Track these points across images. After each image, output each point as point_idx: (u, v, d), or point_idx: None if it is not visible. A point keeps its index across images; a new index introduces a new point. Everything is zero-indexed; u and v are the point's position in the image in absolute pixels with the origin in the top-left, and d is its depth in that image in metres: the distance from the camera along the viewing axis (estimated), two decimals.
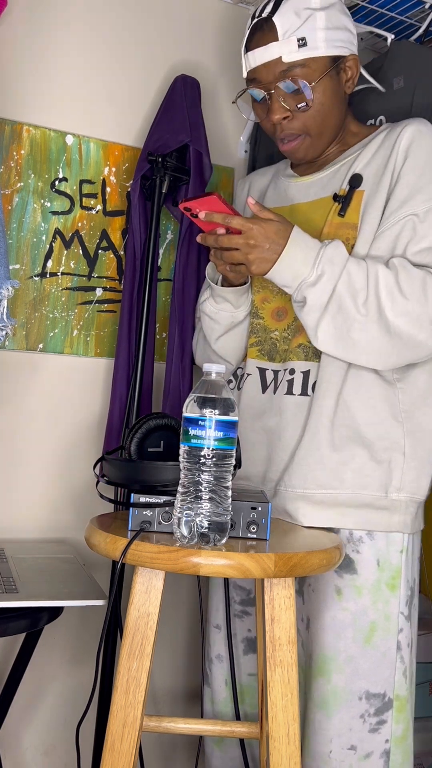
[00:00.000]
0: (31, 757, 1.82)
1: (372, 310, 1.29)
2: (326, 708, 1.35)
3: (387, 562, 1.37)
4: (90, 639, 1.87)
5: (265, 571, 1.06)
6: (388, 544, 1.38)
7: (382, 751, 1.35)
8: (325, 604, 1.38)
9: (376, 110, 1.75)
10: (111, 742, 1.10)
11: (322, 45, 1.38)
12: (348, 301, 1.30)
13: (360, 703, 1.34)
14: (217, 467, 1.07)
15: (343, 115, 1.48)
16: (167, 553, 1.05)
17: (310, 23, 1.37)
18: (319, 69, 1.39)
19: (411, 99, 1.67)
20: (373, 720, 1.35)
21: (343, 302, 1.30)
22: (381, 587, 1.37)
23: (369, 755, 1.34)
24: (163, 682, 1.97)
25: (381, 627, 1.36)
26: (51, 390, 1.82)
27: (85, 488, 1.85)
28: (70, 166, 1.83)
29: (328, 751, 1.34)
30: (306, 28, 1.37)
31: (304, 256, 1.32)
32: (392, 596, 1.37)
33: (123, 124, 1.89)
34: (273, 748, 1.11)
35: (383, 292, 1.29)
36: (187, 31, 1.97)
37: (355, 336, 1.31)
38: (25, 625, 1.33)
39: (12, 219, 1.76)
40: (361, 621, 1.36)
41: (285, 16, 1.38)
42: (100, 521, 1.24)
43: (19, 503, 1.79)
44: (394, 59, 1.72)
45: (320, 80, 1.39)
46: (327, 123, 1.44)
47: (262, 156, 1.98)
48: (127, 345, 1.79)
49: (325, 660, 1.36)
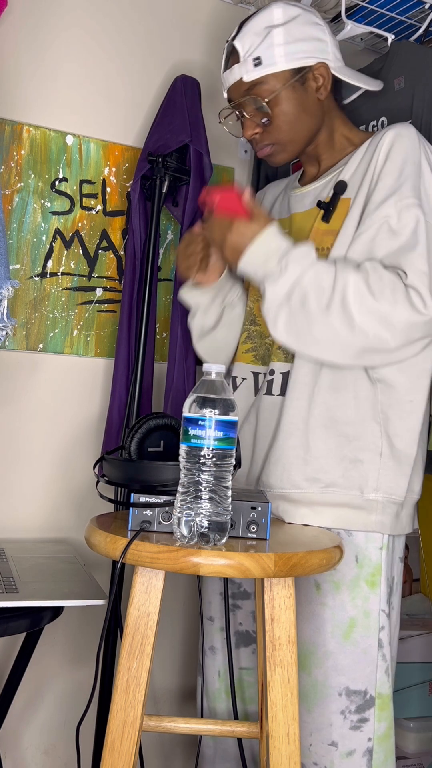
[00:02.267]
0: (31, 756, 1.83)
1: (336, 306, 1.30)
2: (306, 701, 1.37)
3: (366, 559, 1.38)
4: (90, 639, 1.87)
5: (264, 571, 1.06)
6: (367, 541, 1.38)
7: (365, 750, 1.35)
8: (306, 598, 1.39)
9: (377, 111, 1.75)
10: (111, 741, 1.10)
11: (280, 60, 1.45)
12: (312, 297, 1.31)
13: (340, 699, 1.35)
14: (217, 467, 1.08)
15: (316, 121, 1.51)
16: (167, 553, 1.06)
17: (268, 41, 1.45)
18: (279, 83, 1.46)
19: (412, 99, 1.67)
20: (354, 717, 1.35)
21: (306, 298, 1.31)
22: (360, 583, 1.37)
23: (351, 753, 1.35)
24: (162, 682, 1.97)
25: (361, 624, 1.36)
26: (51, 390, 1.82)
27: (85, 488, 1.85)
28: (70, 166, 1.83)
29: (308, 744, 1.37)
30: (263, 46, 1.45)
31: (275, 248, 1.35)
32: (372, 593, 1.37)
33: (123, 124, 1.89)
34: (273, 748, 1.11)
35: (350, 291, 1.29)
36: (188, 31, 1.97)
37: (316, 332, 1.32)
38: (25, 625, 1.33)
39: (12, 219, 1.76)
40: (339, 616, 1.36)
41: (244, 39, 1.47)
42: (100, 521, 1.24)
43: (19, 503, 1.79)
44: (395, 60, 1.72)
45: (279, 94, 1.45)
46: (296, 132, 1.49)
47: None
48: (127, 345, 1.79)
49: (306, 654, 1.38)
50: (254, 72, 1.45)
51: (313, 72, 1.47)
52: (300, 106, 1.47)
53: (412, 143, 1.40)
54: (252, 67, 1.45)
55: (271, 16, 1.47)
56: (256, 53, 1.45)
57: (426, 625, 2.05)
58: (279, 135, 1.49)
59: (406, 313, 1.28)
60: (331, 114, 1.53)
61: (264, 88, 1.46)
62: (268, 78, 1.46)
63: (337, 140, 1.54)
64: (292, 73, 1.46)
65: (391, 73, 1.72)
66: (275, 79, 1.46)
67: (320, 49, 1.48)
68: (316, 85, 1.48)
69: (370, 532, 1.38)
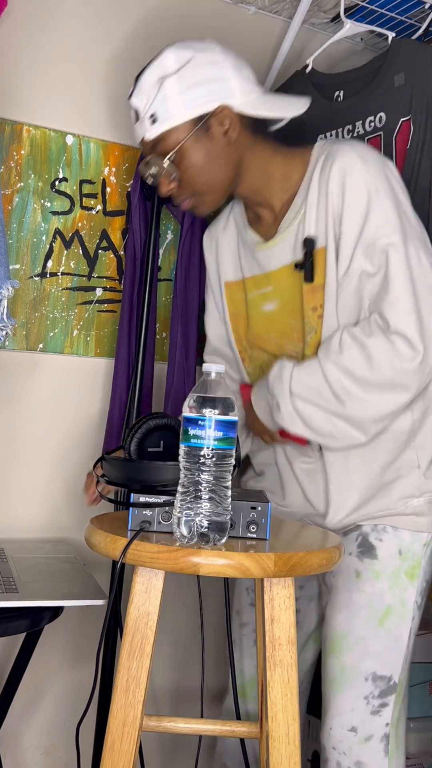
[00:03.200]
0: (31, 756, 1.83)
1: (338, 417, 1.34)
2: (332, 685, 1.41)
3: (409, 552, 1.41)
4: (90, 639, 1.87)
5: (264, 571, 1.06)
6: (413, 537, 1.42)
7: (382, 735, 1.38)
8: (345, 585, 1.42)
9: (375, 107, 1.75)
10: (111, 741, 1.10)
11: (177, 113, 1.38)
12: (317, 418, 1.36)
13: (366, 684, 1.38)
14: (216, 467, 1.07)
15: (231, 166, 1.43)
16: (167, 553, 1.05)
17: (161, 95, 1.37)
18: (181, 136, 1.39)
19: (411, 96, 1.67)
20: (376, 702, 1.38)
21: (312, 419, 1.36)
22: (400, 575, 1.40)
23: (369, 738, 1.38)
24: (163, 682, 1.97)
25: (396, 612, 1.40)
26: (51, 390, 1.82)
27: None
28: (70, 166, 1.83)
29: (329, 728, 1.40)
30: (157, 101, 1.38)
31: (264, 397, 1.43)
32: (410, 585, 1.41)
33: (123, 124, 1.89)
34: (273, 748, 1.11)
35: (342, 395, 1.32)
36: (188, 31, 1.97)
37: (332, 442, 1.39)
38: (25, 625, 1.33)
39: (12, 219, 1.76)
40: (376, 603, 1.40)
41: (140, 95, 1.41)
42: (100, 521, 1.24)
43: (19, 503, 1.79)
44: (395, 57, 1.72)
45: (183, 147, 1.39)
46: (210, 182, 1.43)
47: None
48: (127, 345, 1.79)
49: (338, 638, 1.41)
50: (153, 130, 1.39)
51: (216, 116, 1.38)
52: (208, 154, 1.40)
53: (361, 174, 1.35)
54: (150, 125, 1.39)
55: (163, 64, 1.39)
56: (152, 109, 1.38)
57: (426, 625, 2.04)
58: (193, 188, 1.43)
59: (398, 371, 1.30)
60: (255, 151, 1.44)
61: (166, 144, 1.39)
62: (168, 133, 1.39)
63: (275, 176, 1.45)
64: (192, 123, 1.38)
65: (391, 70, 1.72)
66: (175, 132, 1.38)
67: (221, 90, 1.38)
68: (222, 129, 1.39)
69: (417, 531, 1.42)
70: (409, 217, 1.37)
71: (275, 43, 2.05)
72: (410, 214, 1.38)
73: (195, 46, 1.40)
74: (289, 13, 2.03)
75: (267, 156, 1.45)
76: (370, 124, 1.76)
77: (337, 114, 1.84)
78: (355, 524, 1.44)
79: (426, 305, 1.31)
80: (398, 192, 1.37)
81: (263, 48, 2.06)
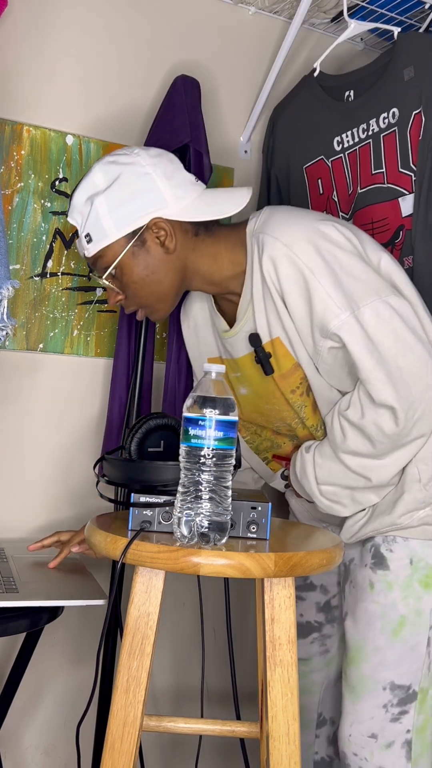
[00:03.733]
0: (31, 756, 1.83)
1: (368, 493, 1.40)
2: (352, 694, 1.42)
3: (422, 561, 1.41)
4: (90, 639, 1.87)
5: (265, 571, 1.06)
6: (423, 546, 1.42)
7: (403, 741, 1.39)
8: (361, 597, 1.43)
9: (387, 104, 1.73)
10: (111, 741, 1.10)
11: (110, 231, 1.37)
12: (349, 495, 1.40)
13: (384, 693, 1.39)
14: (217, 467, 1.07)
15: (175, 272, 1.41)
16: (167, 553, 1.06)
17: (93, 214, 1.37)
18: (117, 253, 1.38)
19: (421, 88, 1.66)
20: (395, 710, 1.39)
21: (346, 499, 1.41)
22: (413, 584, 1.40)
23: (391, 744, 1.39)
24: (163, 682, 1.97)
25: (411, 622, 1.40)
26: (51, 390, 1.82)
27: (85, 488, 1.85)
28: (70, 166, 1.83)
29: (348, 735, 1.41)
30: (90, 221, 1.38)
31: (296, 478, 1.46)
32: (425, 593, 1.41)
33: (123, 124, 1.89)
34: (273, 748, 1.11)
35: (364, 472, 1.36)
36: (187, 31, 1.97)
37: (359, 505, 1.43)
38: (25, 625, 1.33)
39: (12, 219, 1.76)
40: (390, 614, 1.40)
41: (74, 214, 1.41)
42: (100, 521, 1.24)
43: (19, 503, 1.79)
44: (402, 50, 1.71)
45: (121, 263, 1.38)
46: (155, 292, 1.41)
47: (280, 158, 1.99)
48: (127, 345, 1.79)
49: (356, 649, 1.43)
50: (90, 248, 1.39)
51: (150, 230, 1.37)
52: (148, 267, 1.39)
53: (290, 261, 1.31)
54: (86, 243, 1.39)
55: (93, 182, 1.38)
56: (86, 229, 1.38)
57: None
58: (139, 300, 1.42)
59: (393, 438, 1.31)
60: (199, 250, 1.42)
61: (105, 261, 1.39)
62: (104, 251, 1.38)
63: (225, 267, 1.42)
64: (126, 239, 1.37)
65: (400, 64, 1.71)
66: (112, 250, 1.38)
67: (152, 202, 1.36)
68: (159, 241, 1.38)
69: (428, 540, 1.42)
70: (355, 275, 1.31)
71: (275, 43, 2.05)
72: (357, 270, 1.31)
73: (122, 160, 1.38)
74: (289, 13, 2.04)
75: (212, 251, 1.42)
76: (384, 121, 1.75)
77: (349, 114, 1.83)
78: (367, 536, 1.44)
79: (393, 367, 1.27)
80: (336, 258, 1.31)
81: (263, 48, 2.06)
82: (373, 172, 1.78)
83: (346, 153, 1.86)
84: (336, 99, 1.88)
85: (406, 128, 1.70)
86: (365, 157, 1.80)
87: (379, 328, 1.28)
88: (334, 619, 1.62)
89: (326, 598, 1.63)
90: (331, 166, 1.90)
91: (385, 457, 1.34)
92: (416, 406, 1.28)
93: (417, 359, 1.28)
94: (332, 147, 1.89)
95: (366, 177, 1.80)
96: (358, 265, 1.32)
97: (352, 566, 1.48)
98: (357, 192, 1.82)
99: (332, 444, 1.37)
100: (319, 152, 1.92)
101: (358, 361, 1.28)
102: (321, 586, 1.62)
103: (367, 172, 1.80)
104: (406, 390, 1.27)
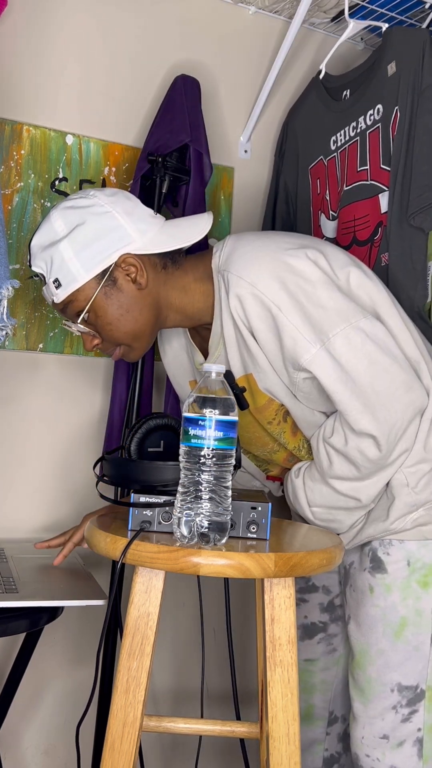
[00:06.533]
0: (31, 756, 1.83)
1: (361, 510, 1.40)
2: (362, 696, 1.43)
3: (419, 562, 1.41)
4: (90, 639, 1.87)
5: (265, 571, 1.06)
6: (420, 546, 1.42)
7: (414, 740, 1.39)
8: (362, 601, 1.44)
9: (374, 100, 1.72)
10: (111, 741, 1.10)
11: (78, 274, 1.35)
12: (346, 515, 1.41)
13: (392, 694, 1.40)
14: (217, 467, 1.07)
15: (149, 308, 1.40)
16: (167, 553, 1.05)
17: (57, 259, 1.35)
18: (89, 295, 1.36)
19: (399, 83, 1.65)
20: (405, 710, 1.40)
21: (340, 519, 1.42)
22: (411, 585, 1.41)
23: (402, 743, 1.39)
24: (163, 682, 1.97)
25: (412, 622, 1.40)
26: (51, 390, 1.82)
27: (85, 488, 1.85)
28: (70, 166, 1.83)
29: (361, 737, 1.42)
30: (55, 267, 1.36)
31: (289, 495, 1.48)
32: (425, 593, 1.41)
33: (123, 124, 1.89)
34: (273, 748, 1.11)
35: (353, 494, 1.36)
36: (187, 31, 1.97)
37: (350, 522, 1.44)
38: (25, 625, 1.33)
39: (12, 219, 1.76)
40: (390, 616, 1.40)
41: (37, 261, 1.38)
42: (100, 521, 1.24)
43: (19, 503, 1.79)
44: (387, 46, 1.71)
45: (93, 305, 1.37)
46: (131, 331, 1.39)
47: (290, 162, 1.99)
48: None
49: (361, 653, 1.44)
50: (59, 294, 1.37)
51: (119, 267, 1.36)
52: (121, 306, 1.37)
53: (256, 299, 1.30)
54: (55, 289, 1.37)
55: (53, 228, 1.36)
56: (53, 275, 1.36)
57: None
58: (116, 341, 1.40)
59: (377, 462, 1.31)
60: (170, 283, 1.41)
61: (77, 305, 1.37)
62: (75, 295, 1.36)
63: (197, 299, 1.42)
64: (96, 280, 1.35)
65: (384, 60, 1.70)
66: (82, 293, 1.36)
67: (118, 239, 1.35)
68: (130, 278, 1.36)
69: (424, 540, 1.42)
70: (323, 305, 1.29)
71: (275, 43, 2.05)
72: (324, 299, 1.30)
73: (80, 203, 1.37)
74: (289, 13, 2.03)
75: (182, 284, 1.42)
76: (370, 118, 1.75)
77: (344, 113, 1.83)
78: (364, 541, 1.45)
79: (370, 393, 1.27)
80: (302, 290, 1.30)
81: (263, 48, 2.06)
82: (358, 169, 1.78)
83: (339, 151, 1.86)
84: (335, 99, 1.88)
85: (388, 124, 1.69)
86: (353, 155, 1.80)
87: (351, 355, 1.28)
88: (339, 618, 1.62)
89: (329, 598, 1.63)
90: (327, 165, 1.90)
91: (371, 477, 1.35)
92: (397, 427, 1.29)
93: (393, 379, 1.28)
94: (329, 147, 1.89)
95: (352, 174, 1.80)
96: (325, 293, 1.30)
97: (352, 570, 1.48)
98: (343, 189, 1.82)
99: (319, 470, 1.39)
100: (320, 153, 1.92)
101: (333, 394, 1.28)
102: (323, 587, 1.63)
103: (353, 169, 1.80)
104: (386, 414, 1.27)
